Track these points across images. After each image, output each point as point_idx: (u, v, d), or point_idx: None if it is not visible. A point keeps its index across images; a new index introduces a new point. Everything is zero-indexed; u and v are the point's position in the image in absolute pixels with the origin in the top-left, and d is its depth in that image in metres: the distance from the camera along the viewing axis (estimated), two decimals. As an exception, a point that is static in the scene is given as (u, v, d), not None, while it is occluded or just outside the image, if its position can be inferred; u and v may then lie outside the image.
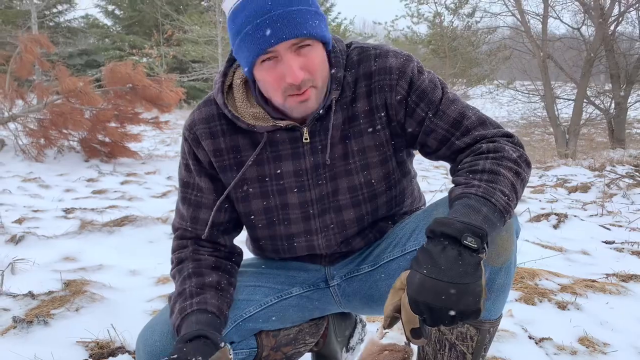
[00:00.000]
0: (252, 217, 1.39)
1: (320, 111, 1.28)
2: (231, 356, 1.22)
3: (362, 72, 1.31)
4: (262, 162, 1.34)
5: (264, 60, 1.17)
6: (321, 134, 1.31)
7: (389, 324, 1.07)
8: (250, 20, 1.14)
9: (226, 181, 1.38)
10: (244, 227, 1.46)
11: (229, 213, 1.42)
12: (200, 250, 1.41)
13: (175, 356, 1.13)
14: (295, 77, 1.15)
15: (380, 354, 1.09)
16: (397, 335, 1.96)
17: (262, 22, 1.13)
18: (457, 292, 0.96)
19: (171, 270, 1.43)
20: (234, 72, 1.35)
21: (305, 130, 1.30)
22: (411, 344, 1.07)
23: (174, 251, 1.45)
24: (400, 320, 1.06)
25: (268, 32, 1.12)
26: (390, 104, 1.30)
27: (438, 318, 0.98)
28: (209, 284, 1.34)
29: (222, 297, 1.34)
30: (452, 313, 0.97)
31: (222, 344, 1.21)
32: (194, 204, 1.41)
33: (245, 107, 1.31)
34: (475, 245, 0.99)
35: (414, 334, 1.02)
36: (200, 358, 1.15)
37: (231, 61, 1.35)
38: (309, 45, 1.17)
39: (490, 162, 1.18)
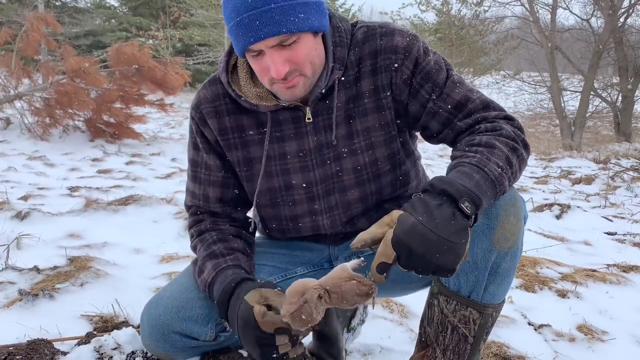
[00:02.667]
0: (257, 196, 1.41)
1: (322, 91, 1.28)
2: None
3: (367, 50, 1.30)
4: (268, 142, 1.35)
5: (252, 55, 1.18)
6: (324, 114, 1.32)
7: (359, 246, 1.09)
8: (233, 15, 1.13)
9: (232, 159, 1.39)
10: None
11: (238, 190, 1.44)
12: (218, 221, 1.44)
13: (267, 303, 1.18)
14: (277, 73, 1.16)
15: (348, 282, 1.08)
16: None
17: (242, 21, 1.12)
18: (442, 247, 0.98)
19: (191, 243, 1.45)
20: None
21: (307, 110, 1.31)
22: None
23: (191, 226, 1.46)
24: (370, 252, 1.09)
25: (248, 31, 1.12)
26: (395, 83, 1.30)
27: (414, 262, 1.00)
28: (237, 249, 1.37)
29: (248, 261, 1.37)
30: (430, 263, 0.99)
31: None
32: (204, 182, 1.43)
33: (249, 86, 1.32)
34: (469, 212, 1.01)
35: (380, 268, 1.04)
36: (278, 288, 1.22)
37: None
38: (294, 41, 1.15)
39: (487, 137, 1.19)
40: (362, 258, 1.13)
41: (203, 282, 1.32)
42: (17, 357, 1.46)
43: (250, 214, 1.55)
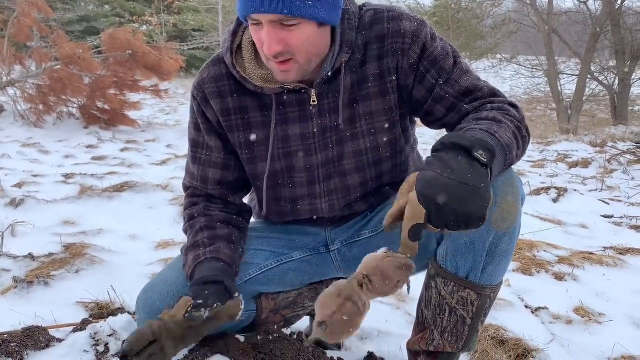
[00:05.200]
0: (258, 179, 1.39)
1: (328, 74, 1.26)
2: (242, 307, 1.26)
3: (375, 34, 1.28)
4: (269, 125, 1.33)
5: (252, 23, 1.16)
6: (329, 97, 1.30)
7: (390, 222, 1.02)
8: None
9: (233, 141, 1.37)
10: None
11: (238, 172, 1.42)
12: (211, 206, 1.43)
13: (201, 301, 1.17)
14: (268, 50, 1.14)
15: (384, 259, 1.02)
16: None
17: None
18: (467, 192, 0.94)
19: (183, 226, 1.45)
20: (244, 31, 1.33)
21: (313, 92, 1.29)
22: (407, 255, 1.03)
23: (185, 208, 1.46)
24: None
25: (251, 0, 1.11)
26: (402, 68, 1.28)
27: (444, 216, 0.95)
28: (221, 236, 1.36)
29: (234, 248, 1.36)
30: (460, 213, 0.94)
31: (236, 294, 1.25)
32: (204, 163, 1.41)
33: (254, 68, 1.29)
34: (485, 160, 0.97)
35: (414, 232, 0.99)
36: (219, 304, 1.19)
37: (241, 20, 1.33)
38: (294, 24, 1.13)
39: (494, 113, 1.18)
40: (386, 247, 1.08)
41: (186, 273, 1.33)
42: (12, 345, 1.45)
43: (246, 199, 1.54)
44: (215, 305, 1.18)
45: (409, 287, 1.07)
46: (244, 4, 1.13)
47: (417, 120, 1.43)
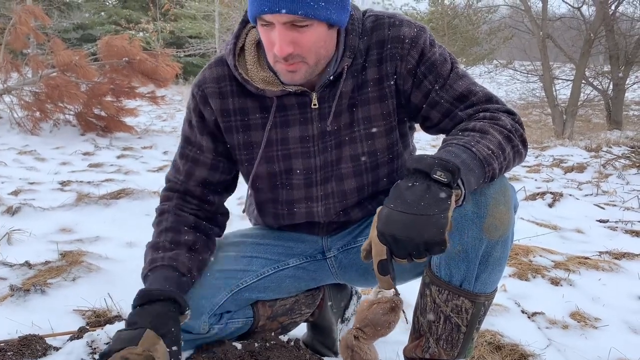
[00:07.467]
0: (256, 180, 1.40)
1: (331, 77, 1.27)
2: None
3: (375, 39, 1.30)
4: (270, 127, 1.34)
5: (262, 23, 1.17)
6: (330, 101, 1.31)
7: (365, 256, 1.10)
8: None
9: (231, 142, 1.38)
10: (249, 189, 1.46)
11: (224, 174, 1.43)
12: (184, 206, 1.42)
13: (106, 352, 1.14)
14: (280, 51, 1.15)
15: (370, 309, 1.12)
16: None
17: None
18: (420, 223, 0.97)
19: (153, 220, 1.44)
20: (247, 34, 1.34)
21: (314, 96, 1.30)
22: (394, 293, 1.13)
23: (160, 202, 1.46)
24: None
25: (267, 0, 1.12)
26: (400, 73, 1.30)
27: (404, 248, 1.00)
28: (184, 243, 1.35)
29: (193, 257, 1.35)
30: (417, 243, 0.98)
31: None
32: (192, 159, 1.41)
33: (256, 70, 1.30)
34: (445, 179, 1.00)
35: (382, 268, 1.05)
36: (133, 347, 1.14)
37: (244, 22, 1.34)
38: (306, 25, 1.15)
39: (481, 123, 1.19)
40: (377, 286, 1.15)
41: (142, 271, 1.34)
42: (9, 353, 1.45)
43: (236, 203, 1.54)
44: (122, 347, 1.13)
45: (406, 319, 1.20)
46: (257, 4, 1.13)
47: (417, 127, 1.45)
